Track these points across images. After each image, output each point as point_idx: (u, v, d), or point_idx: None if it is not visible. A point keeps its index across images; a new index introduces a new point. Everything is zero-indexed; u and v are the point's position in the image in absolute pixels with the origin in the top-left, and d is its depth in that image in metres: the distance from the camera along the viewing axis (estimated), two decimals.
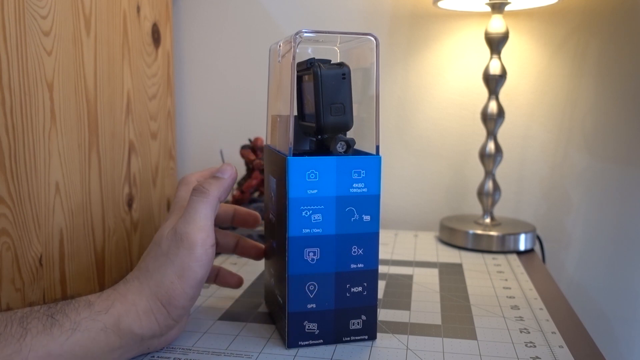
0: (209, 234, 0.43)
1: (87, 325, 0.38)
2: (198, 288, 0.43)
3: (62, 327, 0.37)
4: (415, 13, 0.88)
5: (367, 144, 0.47)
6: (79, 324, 0.38)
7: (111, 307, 0.39)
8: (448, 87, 0.89)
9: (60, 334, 0.37)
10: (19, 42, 0.53)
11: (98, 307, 0.39)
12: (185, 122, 0.97)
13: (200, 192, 0.44)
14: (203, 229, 0.42)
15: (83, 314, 0.38)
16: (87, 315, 0.38)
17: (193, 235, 0.42)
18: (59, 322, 0.37)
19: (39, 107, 0.56)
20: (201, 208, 0.43)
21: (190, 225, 0.42)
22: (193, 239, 0.42)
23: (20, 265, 0.54)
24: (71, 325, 0.37)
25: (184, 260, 0.41)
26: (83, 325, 0.38)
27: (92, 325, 0.38)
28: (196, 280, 0.42)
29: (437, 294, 0.59)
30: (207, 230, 0.43)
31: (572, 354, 0.45)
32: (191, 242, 0.42)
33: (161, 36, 0.84)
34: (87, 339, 0.38)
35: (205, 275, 0.43)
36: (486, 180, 0.80)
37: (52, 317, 0.37)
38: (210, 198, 0.44)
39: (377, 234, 0.46)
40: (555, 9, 0.84)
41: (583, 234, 0.88)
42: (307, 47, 0.49)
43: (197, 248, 0.42)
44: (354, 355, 0.45)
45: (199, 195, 0.44)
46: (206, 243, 0.42)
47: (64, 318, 0.38)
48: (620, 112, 0.85)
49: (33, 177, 0.55)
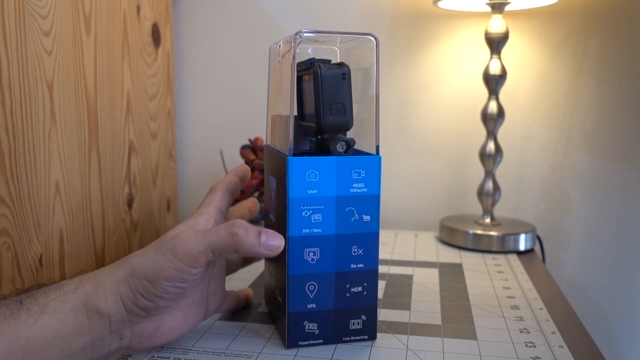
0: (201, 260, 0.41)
1: (55, 306, 0.38)
2: (171, 293, 0.41)
3: (29, 311, 0.37)
4: (415, 13, 0.88)
5: (367, 144, 0.47)
6: (46, 306, 0.37)
7: (79, 287, 0.39)
8: (448, 87, 0.89)
9: (28, 317, 0.37)
10: (19, 42, 0.53)
11: (67, 288, 0.39)
12: (185, 122, 0.97)
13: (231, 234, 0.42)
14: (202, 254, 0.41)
15: (52, 297, 0.38)
16: (56, 297, 0.38)
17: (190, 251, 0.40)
18: (27, 306, 0.37)
19: (39, 107, 0.56)
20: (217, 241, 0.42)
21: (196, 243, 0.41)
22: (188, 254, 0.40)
23: (20, 265, 0.54)
24: (39, 309, 0.37)
25: (167, 264, 0.40)
26: (51, 306, 0.38)
27: (60, 307, 0.38)
28: (169, 285, 0.40)
29: (437, 294, 0.59)
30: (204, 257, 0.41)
31: (572, 354, 0.45)
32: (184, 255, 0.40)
33: (161, 36, 0.84)
34: (56, 320, 0.37)
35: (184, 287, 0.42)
36: (486, 180, 0.80)
37: (20, 302, 0.37)
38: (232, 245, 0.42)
39: (377, 234, 0.46)
40: (555, 9, 0.84)
41: (583, 234, 0.88)
42: (307, 47, 0.49)
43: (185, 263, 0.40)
44: (354, 355, 0.45)
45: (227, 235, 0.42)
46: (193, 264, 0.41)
47: (32, 302, 0.37)
48: (620, 112, 0.85)
49: (33, 177, 0.55)
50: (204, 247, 0.41)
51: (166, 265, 0.40)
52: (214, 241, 0.41)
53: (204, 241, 0.41)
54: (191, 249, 0.40)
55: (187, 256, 0.40)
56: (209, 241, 0.41)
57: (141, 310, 0.41)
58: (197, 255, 0.41)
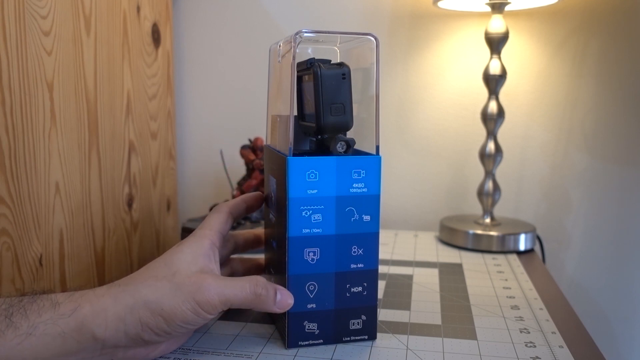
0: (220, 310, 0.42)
1: (44, 329, 0.36)
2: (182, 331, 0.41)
3: (17, 331, 0.35)
4: (415, 13, 0.88)
5: (367, 144, 0.47)
6: (36, 327, 0.36)
7: (77, 309, 0.38)
8: (448, 87, 0.89)
9: (14, 337, 0.35)
10: (19, 42, 0.53)
11: (63, 309, 0.37)
12: (185, 122, 0.97)
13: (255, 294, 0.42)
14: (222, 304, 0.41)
15: (44, 316, 0.37)
16: (48, 318, 0.37)
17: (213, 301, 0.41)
18: (15, 325, 0.36)
19: (39, 107, 0.56)
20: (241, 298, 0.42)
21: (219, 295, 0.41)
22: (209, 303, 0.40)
23: (20, 265, 0.54)
24: (27, 329, 0.36)
25: (186, 307, 0.40)
26: (40, 329, 0.36)
27: (50, 330, 0.36)
28: (183, 325, 0.40)
29: (437, 294, 0.59)
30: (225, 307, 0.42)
31: (572, 354, 0.45)
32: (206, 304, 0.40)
33: (161, 36, 0.84)
34: (42, 345, 0.36)
35: (194, 328, 0.42)
36: (486, 180, 0.80)
37: (10, 318, 0.36)
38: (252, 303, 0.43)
39: (377, 234, 0.46)
40: (555, 9, 0.84)
41: (583, 234, 0.88)
42: (307, 47, 0.49)
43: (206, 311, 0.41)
44: (354, 355, 0.45)
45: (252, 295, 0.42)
46: (213, 313, 0.41)
47: (22, 320, 0.36)
48: (620, 112, 0.85)
49: (33, 177, 0.55)
50: (226, 299, 0.41)
51: (185, 307, 0.40)
52: (238, 297, 0.42)
53: (226, 294, 0.41)
54: (213, 299, 0.41)
55: (208, 304, 0.40)
56: (232, 296, 0.42)
57: (144, 341, 0.40)
58: (217, 306, 0.41)
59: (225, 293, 0.41)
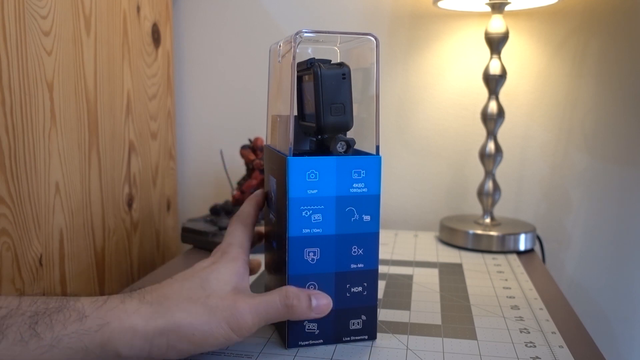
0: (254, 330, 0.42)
1: (68, 342, 0.36)
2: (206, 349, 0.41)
3: (40, 341, 0.35)
4: (415, 13, 0.88)
5: (367, 144, 0.47)
6: (60, 340, 0.35)
7: (105, 326, 0.37)
8: (448, 87, 0.89)
9: (37, 347, 0.35)
10: (19, 42, 0.53)
11: (90, 324, 0.37)
12: (185, 122, 0.97)
13: (287, 306, 0.42)
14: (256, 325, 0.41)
15: (70, 328, 0.36)
16: (73, 331, 0.36)
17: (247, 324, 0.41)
18: (39, 335, 0.35)
19: (39, 107, 0.56)
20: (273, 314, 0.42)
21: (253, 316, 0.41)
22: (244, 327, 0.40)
23: (20, 265, 0.54)
24: (51, 341, 0.35)
25: (220, 333, 0.40)
26: (64, 342, 0.36)
27: (74, 344, 0.36)
28: (212, 349, 0.40)
29: (437, 294, 0.59)
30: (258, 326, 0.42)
31: (572, 354, 0.45)
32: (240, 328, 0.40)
33: (161, 36, 0.84)
34: (63, 357, 0.36)
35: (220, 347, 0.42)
36: (486, 180, 0.80)
37: (34, 327, 0.35)
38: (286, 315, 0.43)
39: (377, 234, 0.46)
40: (555, 9, 0.84)
41: (583, 234, 0.88)
42: (307, 47, 0.49)
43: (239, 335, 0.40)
44: (354, 355, 0.45)
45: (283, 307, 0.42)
46: (246, 335, 0.41)
47: (46, 331, 0.35)
48: (620, 112, 0.85)
49: (33, 177, 0.55)
50: (260, 320, 0.41)
51: (218, 333, 0.40)
52: (270, 314, 0.42)
53: (260, 314, 0.41)
54: (247, 322, 0.41)
55: (241, 329, 0.40)
56: (265, 314, 0.42)
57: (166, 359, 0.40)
58: (251, 328, 0.41)
59: (259, 313, 0.41)
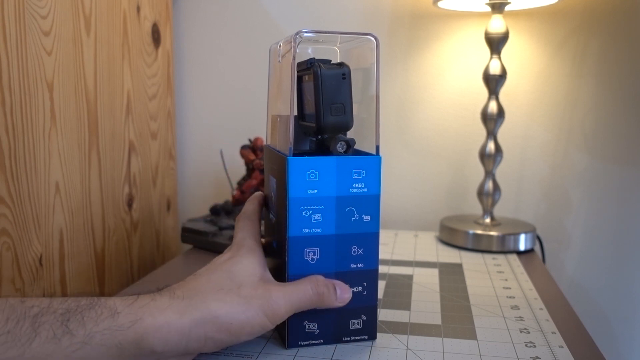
0: (286, 318, 0.42)
1: (101, 339, 0.35)
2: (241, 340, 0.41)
3: (73, 338, 0.35)
4: (415, 13, 0.88)
5: (367, 144, 0.47)
6: (92, 337, 0.35)
7: (138, 322, 0.36)
8: (448, 87, 0.89)
9: (69, 345, 0.34)
10: (19, 42, 0.53)
11: (122, 320, 0.36)
12: (185, 122, 0.97)
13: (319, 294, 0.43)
14: (289, 313, 0.42)
15: (102, 325, 0.35)
16: (106, 327, 0.36)
17: (281, 312, 0.41)
18: (72, 332, 0.35)
19: (39, 107, 0.56)
20: (306, 302, 0.42)
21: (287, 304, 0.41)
22: (278, 315, 0.41)
23: (20, 265, 0.54)
24: (83, 338, 0.35)
25: (257, 321, 0.40)
26: (97, 338, 0.35)
27: (107, 341, 0.35)
28: (247, 338, 0.41)
29: (437, 294, 0.59)
30: (290, 314, 0.42)
31: (572, 354, 0.45)
32: (275, 315, 0.41)
33: (161, 36, 0.84)
34: (96, 355, 0.35)
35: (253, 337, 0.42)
36: (486, 180, 0.80)
37: (67, 324, 0.35)
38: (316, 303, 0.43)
39: (377, 234, 0.46)
40: (555, 9, 0.84)
41: (583, 234, 0.88)
42: (307, 47, 0.49)
43: (273, 322, 0.41)
44: (354, 355, 0.45)
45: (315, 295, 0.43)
46: (278, 322, 0.42)
47: (78, 327, 0.35)
48: (620, 112, 0.85)
49: (33, 177, 0.55)
50: (292, 307, 0.42)
51: (255, 322, 0.40)
52: (303, 301, 0.42)
53: (292, 301, 0.42)
54: (281, 309, 0.41)
55: (276, 316, 0.41)
56: (298, 301, 0.42)
57: (200, 352, 0.40)
58: (284, 316, 0.42)
59: (292, 300, 0.42)
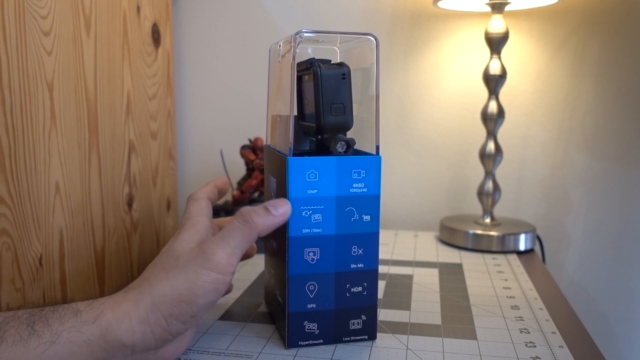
0: (234, 263, 0.41)
1: (68, 337, 0.36)
2: (204, 309, 0.41)
3: (40, 339, 0.35)
4: (415, 13, 0.88)
5: (367, 144, 0.47)
6: (59, 335, 0.35)
7: (100, 316, 0.37)
8: (448, 87, 0.89)
9: (37, 345, 0.35)
10: (19, 42, 0.53)
11: (85, 317, 0.37)
12: (185, 122, 0.97)
13: (246, 221, 0.42)
14: (232, 256, 0.41)
15: (67, 324, 0.36)
16: (72, 326, 0.36)
17: (221, 259, 0.40)
18: (38, 333, 0.35)
19: (39, 107, 0.56)
20: (239, 236, 0.42)
21: (222, 249, 0.41)
22: (219, 262, 0.40)
23: (20, 265, 0.54)
24: (50, 337, 0.35)
25: (202, 279, 0.40)
26: (64, 337, 0.35)
27: (74, 337, 0.36)
28: (206, 301, 0.40)
29: (437, 294, 0.59)
30: (235, 258, 0.41)
31: (572, 354, 0.45)
32: (216, 265, 0.40)
33: (161, 36, 0.84)
34: (68, 352, 0.35)
35: (216, 300, 0.42)
36: (486, 180, 0.80)
37: (32, 326, 0.35)
38: (252, 231, 0.42)
39: (377, 234, 0.46)
40: (555, 9, 0.84)
41: (583, 234, 0.88)
42: (307, 47, 0.49)
43: (220, 272, 0.40)
44: (354, 355, 0.45)
45: (243, 224, 0.42)
46: (228, 270, 0.41)
47: (44, 328, 0.35)
48: (620, 112, 0.85)
49: (33, 177, 0.55)
50: (231, 249, 0.41)
51: (201, 280, 0.40)
52: (236, 238, 0.41)
53: (226, 242, 0.41)
54: (218, 255, 0.40)
55: (219, 265, 0.40)
56: (232, 240, 0.41)
57: (172, 335, 0.40)
58: (228, 261, 0.41)
59: (225, 242, 0.41)
